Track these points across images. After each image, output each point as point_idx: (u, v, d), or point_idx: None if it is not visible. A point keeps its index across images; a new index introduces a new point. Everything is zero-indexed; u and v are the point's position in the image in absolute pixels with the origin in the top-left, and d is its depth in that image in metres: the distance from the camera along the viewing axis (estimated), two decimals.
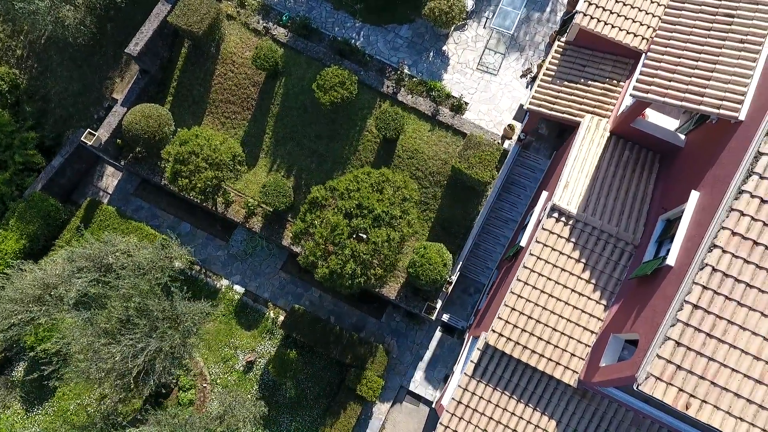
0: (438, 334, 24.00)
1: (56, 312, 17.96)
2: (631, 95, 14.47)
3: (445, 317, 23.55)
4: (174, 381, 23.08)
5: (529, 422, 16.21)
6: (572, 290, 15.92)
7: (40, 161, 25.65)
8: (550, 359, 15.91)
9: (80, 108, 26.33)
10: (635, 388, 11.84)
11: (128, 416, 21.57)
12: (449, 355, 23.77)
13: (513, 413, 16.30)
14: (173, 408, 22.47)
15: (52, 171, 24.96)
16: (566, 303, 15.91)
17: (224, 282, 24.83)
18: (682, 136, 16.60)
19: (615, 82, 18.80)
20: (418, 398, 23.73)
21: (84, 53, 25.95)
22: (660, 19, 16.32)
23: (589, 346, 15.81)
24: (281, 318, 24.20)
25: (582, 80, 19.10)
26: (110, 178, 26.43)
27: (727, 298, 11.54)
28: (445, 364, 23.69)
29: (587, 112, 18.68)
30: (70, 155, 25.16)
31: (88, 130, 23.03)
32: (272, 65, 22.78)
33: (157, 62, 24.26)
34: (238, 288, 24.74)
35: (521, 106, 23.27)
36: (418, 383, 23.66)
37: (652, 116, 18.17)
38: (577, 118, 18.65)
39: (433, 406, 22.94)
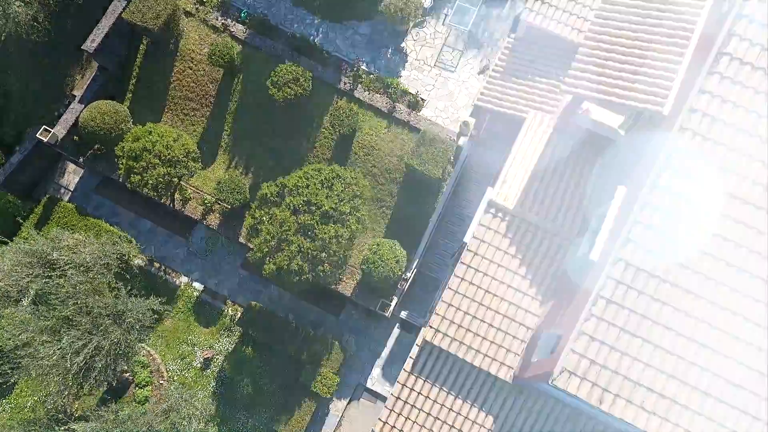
0: (396, 331, 23.96)
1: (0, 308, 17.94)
2: (561, 90, 14.45)
3: (404, 314, 23.47)
4: (130, 377, 23.06)
5: (466, 418, 16.20)
6: (509, 286, 15.90)
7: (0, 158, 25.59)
8: (486, 355, 15.89)
9: (42, 105, 26.23)
10: (549, 383, 11.82)
11: (79, 412, 21.54)
12: (407, 352, 23.56)
13: (451, 409, 16.30)
14: (129, 404, 22.48)
15: (11, 168, 24.88)
16: (503, 299, 15.89)
17: (183, 279, 24.77)
18: (623, 132, 16.54)
19: (562, 78, 18.71)
20: (376, 395, 23.69)
21: (45, 50, 25.86)
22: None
23: (525, 342, 15.79)
24: (240, 315, 24.15)
25: (529, 76, 19.06)
26: (72, 175, 26.38)
27: (639, 292, 11.52)
28: (403, 361, 23.54)
29: (534, 108, 18.63)
30: (30, 152, 25.04)
31: (44, 126, 23.00)
32: (228, 62, 22.72)
33: (115, 59, 24.21)
34: (197, 285, 24.68)
35: None
36: (375, 380, 23.63)
37: (598, 113, 18.07)
38: (524, 114, 18.61)
39: None
